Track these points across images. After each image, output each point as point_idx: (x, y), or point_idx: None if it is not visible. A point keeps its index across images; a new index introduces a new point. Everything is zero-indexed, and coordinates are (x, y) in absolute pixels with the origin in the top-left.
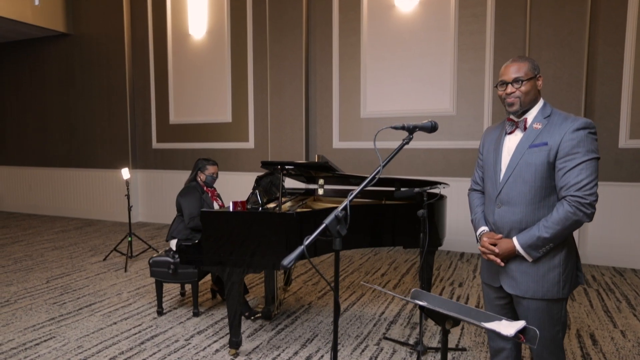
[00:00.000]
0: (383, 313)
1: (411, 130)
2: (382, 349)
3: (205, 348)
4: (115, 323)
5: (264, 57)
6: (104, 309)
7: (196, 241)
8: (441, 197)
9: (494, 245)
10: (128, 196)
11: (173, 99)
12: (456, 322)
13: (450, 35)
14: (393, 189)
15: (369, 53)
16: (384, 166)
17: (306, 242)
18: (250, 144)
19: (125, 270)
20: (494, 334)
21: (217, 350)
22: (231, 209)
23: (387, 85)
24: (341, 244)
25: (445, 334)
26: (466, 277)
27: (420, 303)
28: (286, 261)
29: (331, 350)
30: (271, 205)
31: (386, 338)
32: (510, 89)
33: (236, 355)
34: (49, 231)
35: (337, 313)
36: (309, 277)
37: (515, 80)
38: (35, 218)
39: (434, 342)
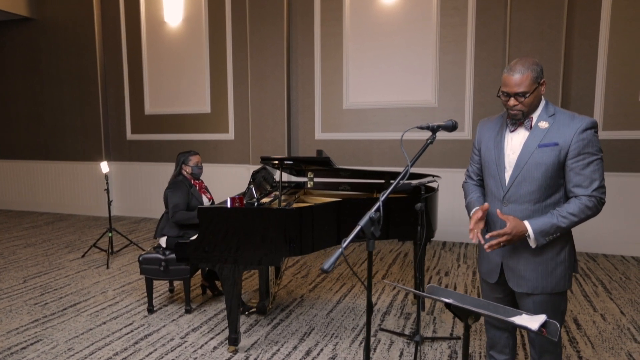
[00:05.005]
0: (376, 304)
1: (435, 130)
2: (379, 340)
3: (202, 345)
4: (104, 323)
5: (244, 47)
6: (90, 309)
7: (192, 238)
8: (434, 190)
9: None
10: (108, 190)
11: (148, 89)
12: (477, 317)
13: (432, 27)
14: (383, 181)
15: (351, 43)
16: (411, 165)
17: (344, 245)
18: (230, 135)
19: (107, 267)
20: (491, 326)
21: (215, 348)
22: (229, 205)
23: (369, 76)
24: (374, 245)
25: (467, 328)
26: (451, 266)
27: (447, 300)
28: (326, 265)
29: (364, 350)
30: (265, 200)
31: (382, 329)
32: (512, 101)
33: (235, 352)
34: (18, 227)
35: (369, 313)
36: (297, 269)
37: (517, 95)
38: (1, 213)
39: (429, 332)
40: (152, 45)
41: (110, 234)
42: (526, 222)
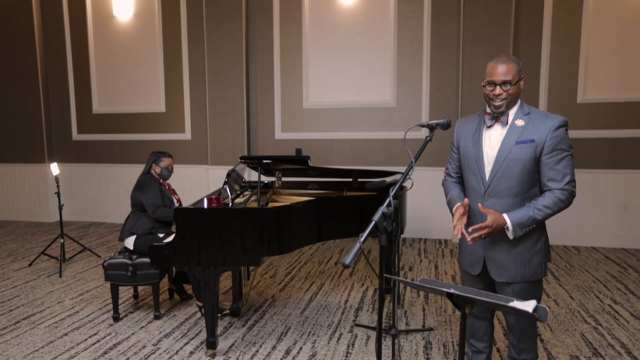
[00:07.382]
0: (347, 301)
1: (432, 127)
2: (356, 336)
3: (178, 351)
4: (66, 334)
5: (201, 44)
6: (47, 320)
7: (167, 240)
8: (407, 188)
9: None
10: (58, 194)
11: (96, 86)
12: (472, 305)
13: (390, 29)
14: (350, 179)
15: (311, 44)
16: (415, 161)
17: (361, 239)
18: (186, 135)
19: (60, 276)
20: (471, 315)
21: (191, 353)
22: (205, 206)
23: (329, 76)
24: (386, 239)
25: (464, 316)
26: (413, 261)
27: (449, 291)
28: (347, 260)
29: (376, 342)
30: (239, 200)
31: (357, 325)
32: (498, 90)
33: (214, 355)
34: None
35: (381, 303)
36: (265, 269)
37: (504, 83)
38: None
39: (402, 325)
40: (100, 40)
41: (62, 240)
42: (505, 215)
